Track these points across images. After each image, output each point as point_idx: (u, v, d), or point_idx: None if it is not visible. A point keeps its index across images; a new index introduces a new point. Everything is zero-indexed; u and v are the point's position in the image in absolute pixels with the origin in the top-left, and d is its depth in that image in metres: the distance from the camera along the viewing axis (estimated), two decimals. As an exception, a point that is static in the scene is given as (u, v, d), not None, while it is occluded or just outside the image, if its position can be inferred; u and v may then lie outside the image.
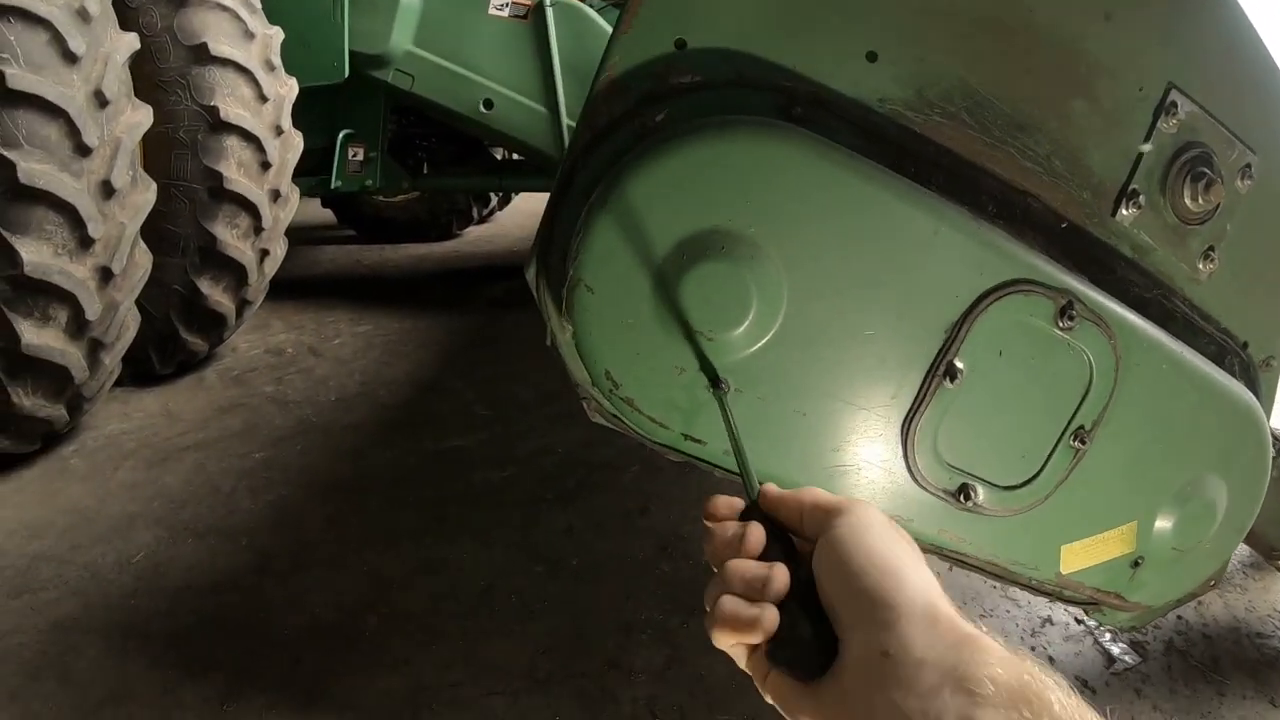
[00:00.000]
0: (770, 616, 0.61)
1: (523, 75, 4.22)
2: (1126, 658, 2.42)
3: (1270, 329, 1.47)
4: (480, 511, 2.72)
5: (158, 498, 2.67)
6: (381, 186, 4.83)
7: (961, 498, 1.17)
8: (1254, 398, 1.39)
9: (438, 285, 5.34)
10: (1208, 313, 1.38)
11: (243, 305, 3.65)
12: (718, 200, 0.97)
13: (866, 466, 1.12)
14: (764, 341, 1.02)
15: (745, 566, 0.64)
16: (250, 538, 2.51)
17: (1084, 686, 2.30)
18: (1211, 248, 1.31)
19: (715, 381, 1.01)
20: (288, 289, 4.85)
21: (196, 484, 2.79)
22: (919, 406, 1.08)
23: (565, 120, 4.32)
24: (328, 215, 6.44)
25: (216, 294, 3.41)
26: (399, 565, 2.41)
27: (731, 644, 0.65)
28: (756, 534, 0.68)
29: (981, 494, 1.18)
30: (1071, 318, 1.08)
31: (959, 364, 1.06)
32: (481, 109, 4.18)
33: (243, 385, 3.66)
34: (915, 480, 1.15)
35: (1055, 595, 1.44)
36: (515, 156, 5.58)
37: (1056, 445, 1.18)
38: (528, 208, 6.81)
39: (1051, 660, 2.37)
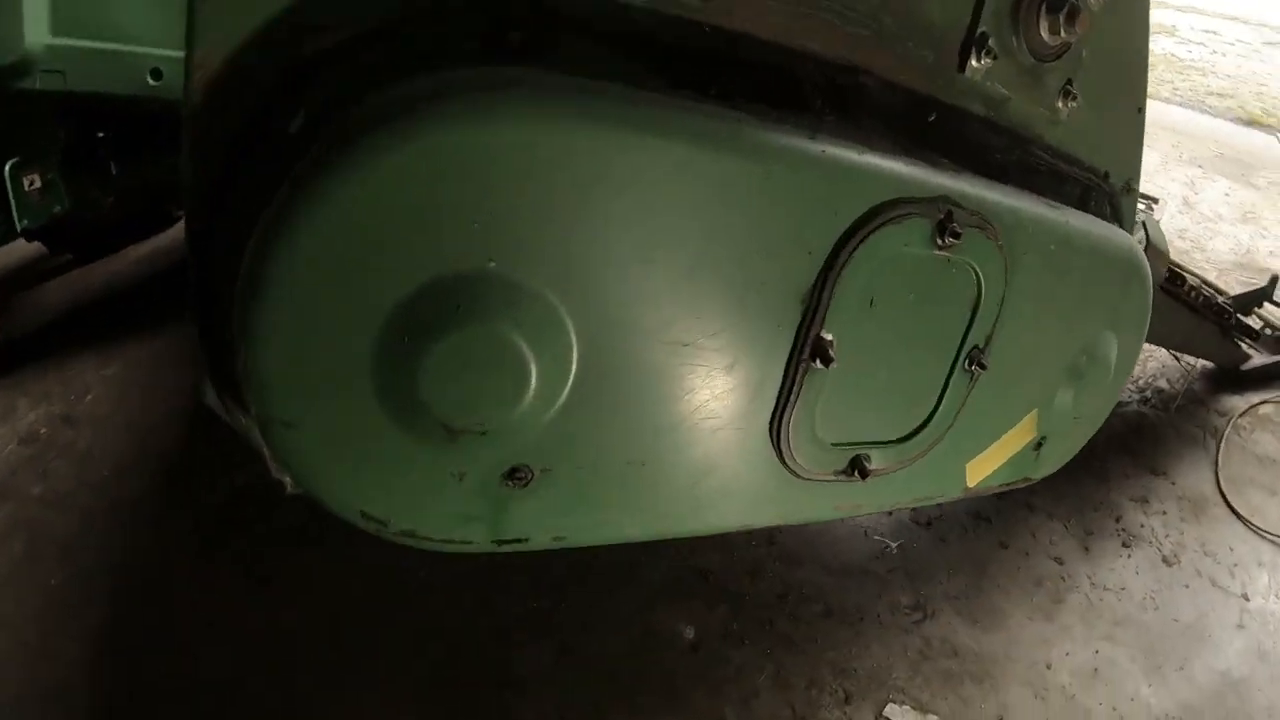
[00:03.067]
0: None
1: (183, 28, 3.44)
2: (1008, 471, 2.44)
3: (1127, 152, 1.31)
4: (302, 550, 2.32)
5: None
6: (74, 206, 3.98)
7: (855, 473, 0.94)
8: (1130, 237, 1.23)
9: (178, 283, 4.60)
10: (1069, 154, 1.18)
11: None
12: (422, 240, 0.61)
13: (737, 487, 0.86)
14: (562, 400, 0.70)
15: None
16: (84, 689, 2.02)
17: (979, 518, 2.30)
18: (1070, 81, 1.09)
19: (514, 473, 0.69)
20: (21, 353, 4.04)
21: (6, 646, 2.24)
22: (787, 401, 0.81)
23: None
24: (38, 249, 5.33)
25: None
26: (236, 653, 2.02)
27: None
28: None
29: (875, 458, 0.95)
30: (955, 233, 0.82)
31: (827, 335, 0.79)
32: (150, 81, 3.45)
33: (7, 497, 3.02)
34: (796, 476, 0.90)
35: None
36: None
37: (950, 376, 0.96)
38: None
39: (940, 505, 2.36)
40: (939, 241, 0.83)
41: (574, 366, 0.68)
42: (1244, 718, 1.74)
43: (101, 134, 4.34)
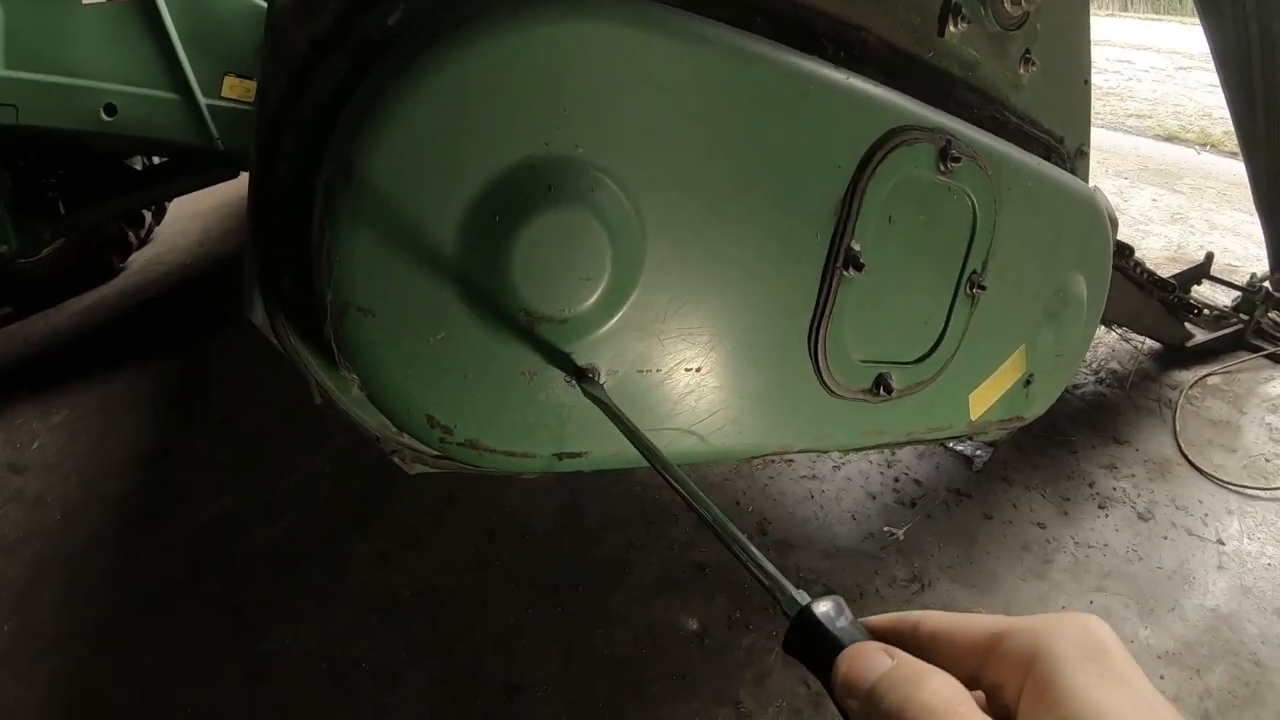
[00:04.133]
0: None
1: (140, 63, 3.48)
2: (980, 453, 2.57)
3: (1078, 119, 1.47)
4: (280, 580, 2.29)
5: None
6: (20, 246, 3.88)
7: (881, 390, 1.03)
8: (1089, 187, 1.38)
9: (123, 332, 4.52)
10: (1032, 117, 1.33)
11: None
12: (522, 121, 0.69)
13: (781, 404, 0.94)
14: (631, 299, 0.78)
15: None
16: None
17: (960, 494, 2.41)
18: (1028, 50, 1.24)
19: (580, 373, 0.76)
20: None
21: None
22: (824, 309, 0.91)
23: (201, 100, 3.66)
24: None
25: None
26: (222, 692, 1.95)
27: None
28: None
29: (896, 378, 1.05)
30: (955, 159, 0.94)
31: (856, 246, 0.89)
32: (104, 117, 3.43)
33: (-44, 545, 2.83)
34: (831, 392, 0.99)
35: (971, 437, 1.39)
36: (156, 160, 4.80)
37: (954, 298, 1.08)
38: (186, 212, 5.98)
39: (918, 483, 2.47)
40: (941, 167, 0.95)
41: (644, 265, 0.76)
42: (1239, 646, 1.85)
43: (50, 178, 4.28)
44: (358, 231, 0.67)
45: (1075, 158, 1.49)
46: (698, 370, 0.86)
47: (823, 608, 0.42)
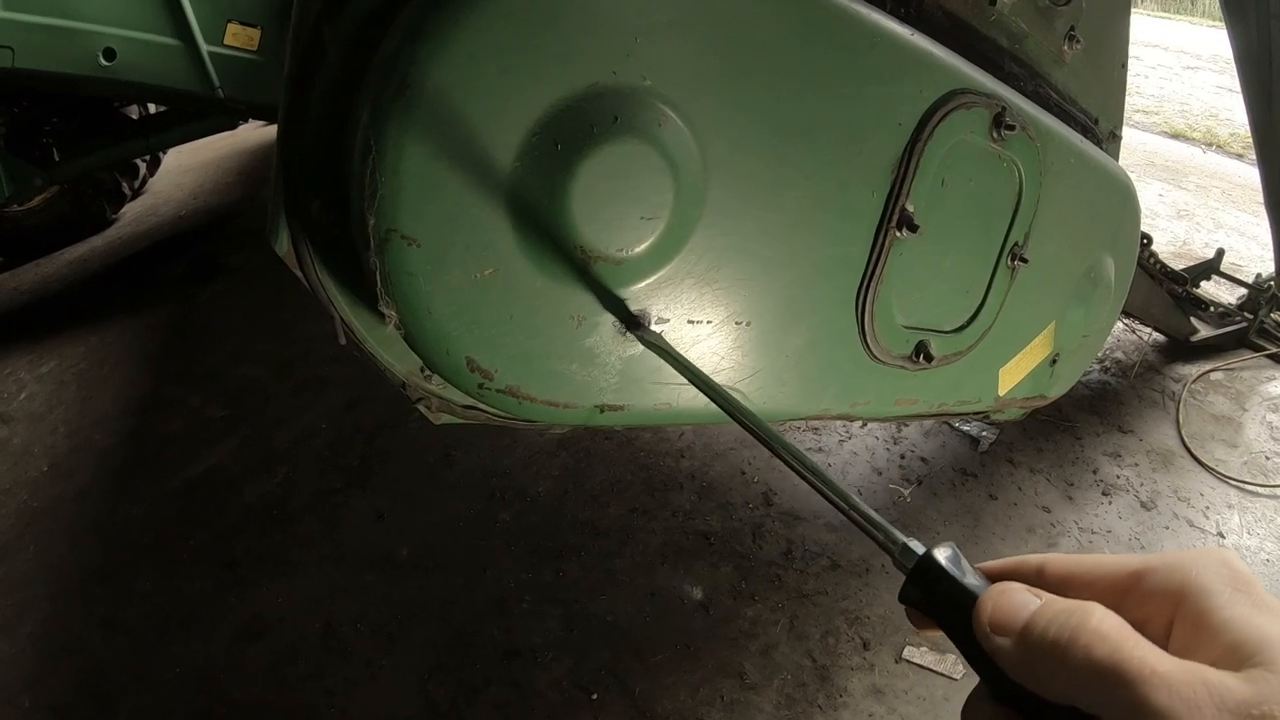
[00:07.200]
0: None
1: (141, 8, 3.35)
2: (985, 434, 2.59)
3: (1114, 102, 1.47)
4: (273, 536, 2.25)
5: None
6: (13, 194, 3.80)
7: (920, 358, 1.03)
8: (1123, 169, 1.38)
9: (114, 283, 4.45)
10: (1071, 96, 1.32)
11: None
12: (592, 45, 0.66)
13: (823, 365, 0.94)
14: (689, 243, 0.77)
15: None
16: (30, 691, 1.87)
17: (965, 474, 2.43)
18: (1073, 27, 1.24)
19: (633, 319, 0.75)
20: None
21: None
22: (874, 269, 0.90)
23: (203, 46, 3.55)
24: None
25: None
26: (211, 648, 1.92)
27: None
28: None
29: (935, 346, 1.05)
30: (1009, 127, 0.93)
31: (910, 207, 0.88)
32: (102, 62, 3.33)
33: (-62, 497, 2.74)
34: (873, 356, 0.99)
35: (988, 416, 1.40)
36: (154, 109, 4.71)
37: (995, 269, 1.07)
38: (181, 165, 5.87)
39: (924, 461, 2.48)
40: (994, 134, 0.94)
41: (704, 208, 0.75)
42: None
43: (45, 124, 4.17)
44: (407, 149, 0.63)
45: (1108, 140, 1.49)
46: (747, 325, 0.85)
47: (943, 554, 0.41)
